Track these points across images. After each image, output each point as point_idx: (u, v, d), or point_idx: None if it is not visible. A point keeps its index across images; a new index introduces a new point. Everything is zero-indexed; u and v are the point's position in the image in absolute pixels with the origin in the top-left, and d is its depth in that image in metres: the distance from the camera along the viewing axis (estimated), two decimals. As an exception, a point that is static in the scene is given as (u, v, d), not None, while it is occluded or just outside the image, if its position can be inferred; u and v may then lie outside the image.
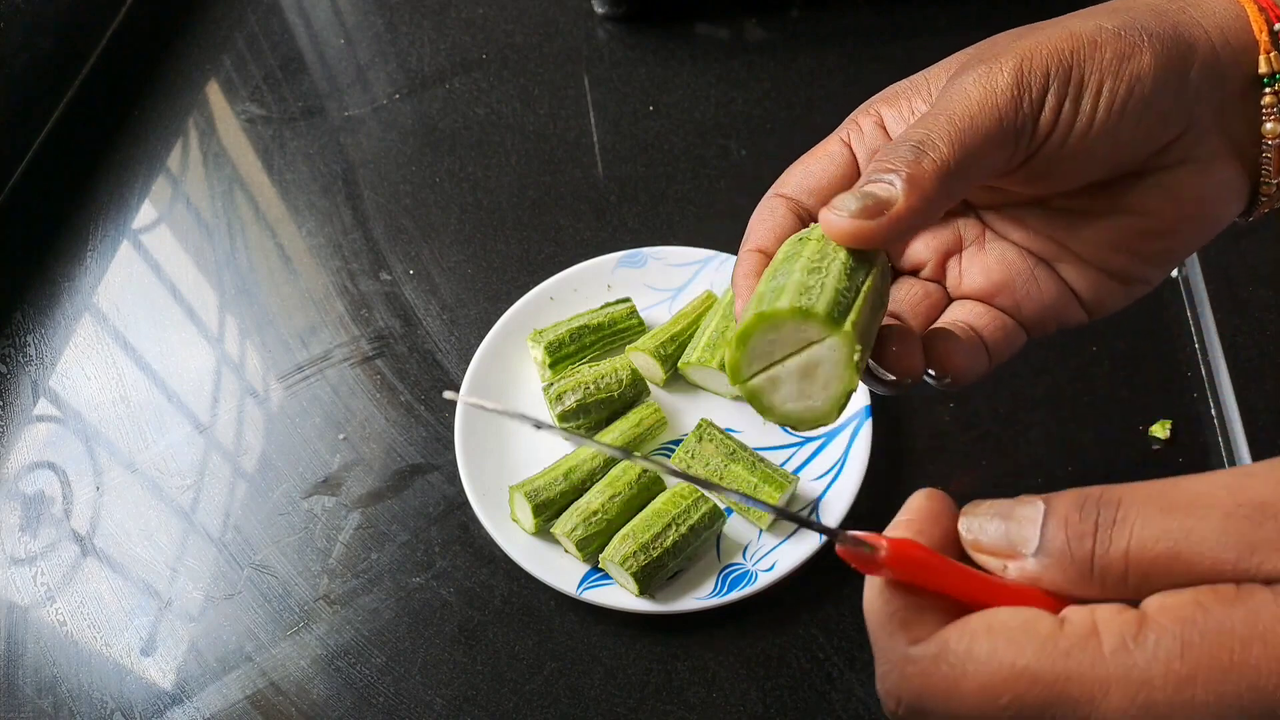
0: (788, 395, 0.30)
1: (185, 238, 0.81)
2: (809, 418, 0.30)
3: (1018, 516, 0.25)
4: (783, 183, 0.36)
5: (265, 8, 0.98)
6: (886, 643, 0.25)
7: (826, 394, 0.30)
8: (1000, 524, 0.26)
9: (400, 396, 0.69)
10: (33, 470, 0.69)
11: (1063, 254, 0.35)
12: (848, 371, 0.29)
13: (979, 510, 0.26)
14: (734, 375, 0.31)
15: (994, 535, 0.26)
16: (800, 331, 0.29)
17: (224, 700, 0.58)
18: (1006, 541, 0.25)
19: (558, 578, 0.57)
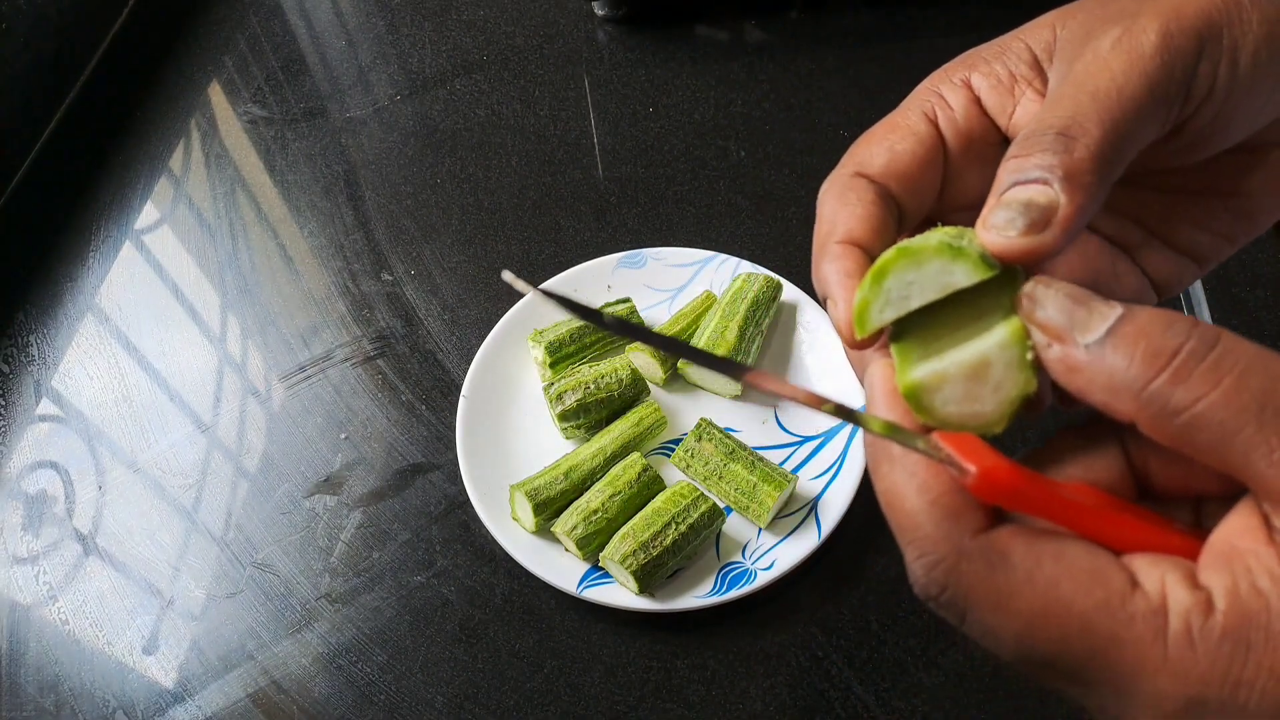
0: (950, 399, 0.26)
1: (187, 238, 0.81)
2: (973, 424, 0.26)
3: (1091, 306, 0.24)
4: (863, 162, 0.30)
5: (267, 9, 0.98)
6: (934, 529, 0.24)
7: (997, 397, 0.25)
8: (1069, 303, 0.24)
9: (402, 396, 0.70)
10: (35, 469, 0.70)
11: (1148, 239, 0.32)
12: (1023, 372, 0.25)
13: (1053, 283, 0.25)
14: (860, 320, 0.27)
15: (1055, 311, 0.24)
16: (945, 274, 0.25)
17: (226, 698, 0.58)
18: (1066, 321, 0.24)
19: (558, 576, 0.57)
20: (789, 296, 0.68)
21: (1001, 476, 0.24)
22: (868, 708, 0.54)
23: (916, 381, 0.26)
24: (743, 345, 0.63)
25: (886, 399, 0.27)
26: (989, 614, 0.23)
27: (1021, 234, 0.25)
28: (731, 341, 0.63)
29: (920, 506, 0.24)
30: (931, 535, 0.24)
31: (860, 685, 0.55)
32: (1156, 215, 0.32)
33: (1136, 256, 0.33)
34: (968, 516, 0.24)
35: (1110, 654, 0.21)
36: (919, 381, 0.26)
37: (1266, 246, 0.68)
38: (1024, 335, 0.25)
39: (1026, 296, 0.25)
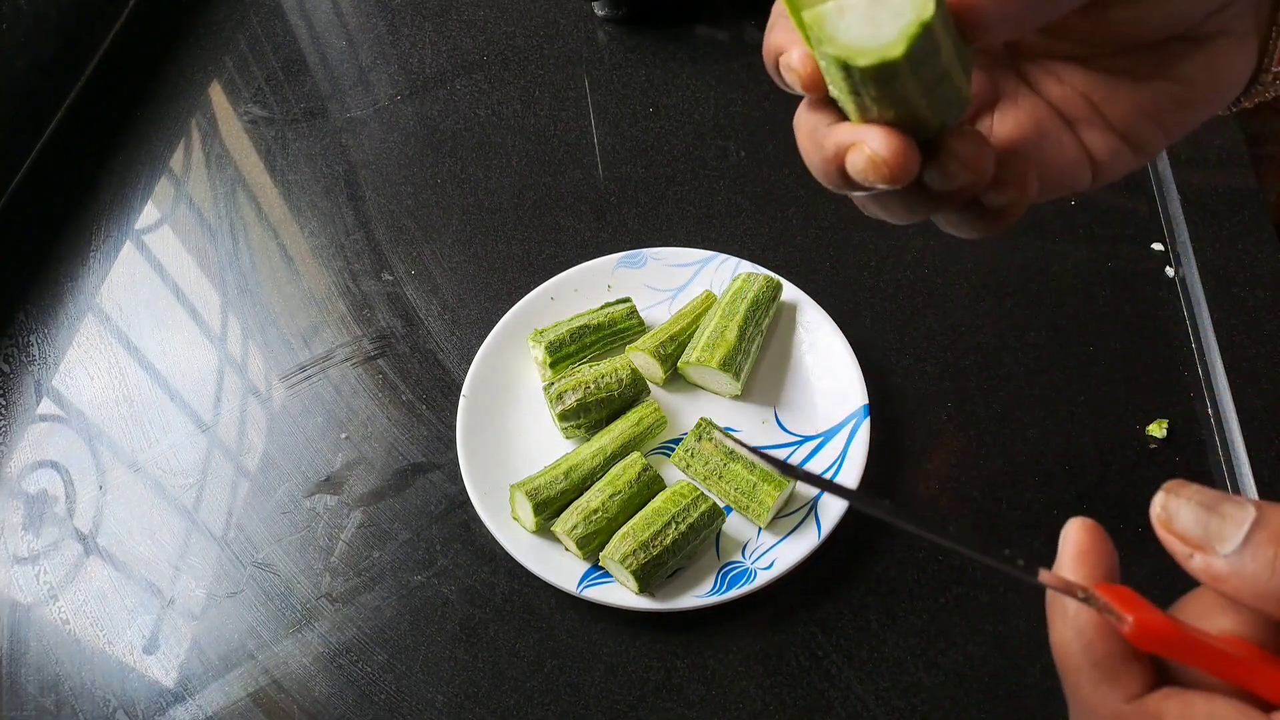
0: (852, 23, 0.27)
1: (188, 238, 0.81)
2: (872, 48, 0.27)
3: (1223, 512, 0.25)
4: None
5: (268, 9, 0.98)
6: (1092, 692, 0.26)
7: (896, 23, 0.26)
8: (1202, 513, 0.25)
9: (402, 396, 0.70)
10: (36, 469, 0.70)
11: (1092, 116, 0.34)
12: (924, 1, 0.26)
13: (1183, 492, 0.26)
14: None
15: (1191, 522, 0.26)
16: None
17: (226, 698, 0.58)
18: (1203, 532, 0.25)
19: (558, 576, 0.57)
20: (789, 296, 0.68)
21: (1156, 625, 0.25)
22: (868, 707, 0.54)
23: (819, 11, 0.27)
24: (743, 345, 0.63)
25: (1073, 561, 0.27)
26: None
27: None
28: (731, 341, 0.63)
29: (1084, 666, 0.25)
30: (1090, 697, 0.25)
31: (860, 685, 0.55)
32: (1101, 94, 0.34)
33: (1079, 130, 0.34)
34: (1125, 681, 0.25)
35: None
36: (822, 11, 0.27)
37: (1266, 246, 0.68)
38: None
39: (1158, 508, 0.26)
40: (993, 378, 0.66)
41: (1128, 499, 0.59)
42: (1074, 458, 0.62)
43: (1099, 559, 0.28)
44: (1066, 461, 0.61)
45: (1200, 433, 0.62)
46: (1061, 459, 0.62)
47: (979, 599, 0.57)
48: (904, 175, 0.29)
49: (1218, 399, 0.62)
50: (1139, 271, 0.69)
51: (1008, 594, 0.57)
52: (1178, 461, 0.61)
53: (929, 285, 0.70)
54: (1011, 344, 0.67)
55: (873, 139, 0.29)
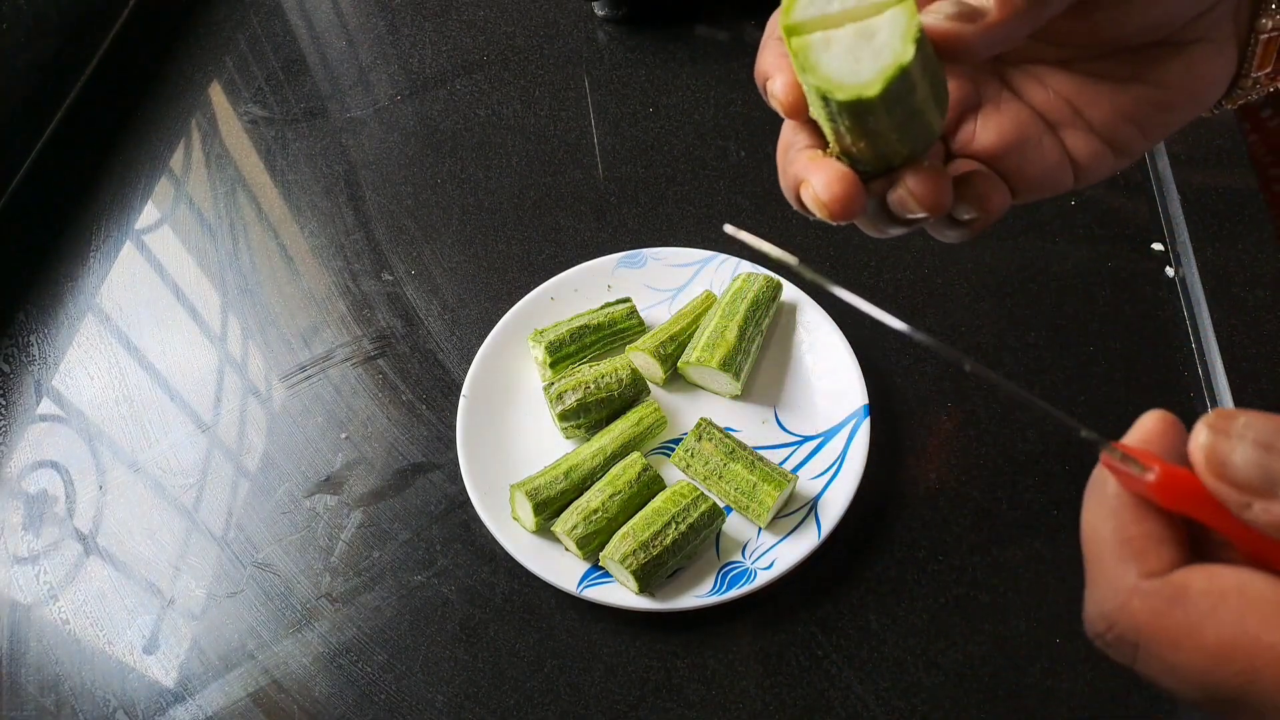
0: (836, 56, 0.28)
1: (188, 238, 0.81)
2: (850, 83, 0.28)
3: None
4: None
5: (268, 9, 0.98)
6: (1114, 567, 0.24)
7: (875, 62, 0.28)
8: (1260, 454, 0.22)
9: (402, 396, 0.70)
10: (36, 469, 0.70)
11: (1074, 119, 0.35)
12: (904, 44, 0.27)
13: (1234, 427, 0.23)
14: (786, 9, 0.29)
15: (1248, 464, 0.22)
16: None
17: (226, 698, 0.58)
18: (1264, 476, 0.22)
19: (558, 576, 0.57)
20: (789, 296, 0.68)
21: (1182, 479, 0.23)
22: (868, 707, 0.54)
23: (807, 40, 0.29)
24: (743, 345, 0.63)
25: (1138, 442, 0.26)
26: (1168, 651, 0.22)
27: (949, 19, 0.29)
28: (731, 341, 0.63)
29: (1110, 542, 0.24)
30: (1110, 571, 0.24)
31: (860, 685, 0.55)
32: (1083, 97, 0.35)
33: (1061, 134, 0.35)
34: (1151, 558, 0.23)
35: None
36: (809, 40, 0.29)
37: (1266, 246, 0.68)
38: (915, 14, 0.28)
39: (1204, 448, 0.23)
40: (993, 378, 0.66)
41: (1128, 499, 0.59)
42: (1074, 458, 0.62)
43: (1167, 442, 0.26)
44: (1066, 461, 0.61)
45: (1200, 433, 0.62)
46: (1061, 459, 0.62)
47: (979, 599, 0.57)
48: (845, 216, 0.31)
49: (1218, 399, 0.62)
50: (1139, 271, 0.69)
51: (1008, 594, 0.57)
52: (1178, 461, 0.61)
53: (929, 285, 0.71)
54: (1011, 344, 0.67)
55: (818, 180, 0.31)
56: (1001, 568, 0.58)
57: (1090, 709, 0.53)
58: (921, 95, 0.29)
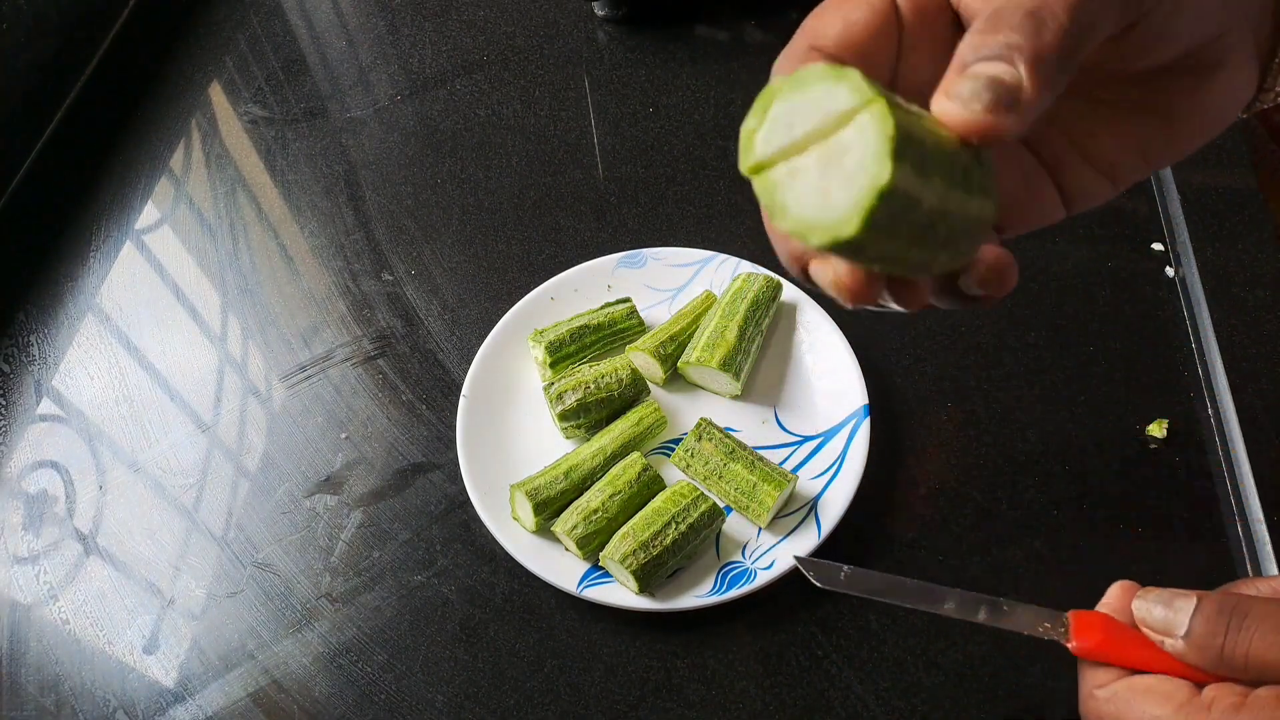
0: (804, 190, 0.23)
1: (188, 238, 0.81)
2: (824, 224, 0.23)
3: (1175, 606, 0.35)
4: (817, 34, 0.29)
5: (268, 9, 0.98)
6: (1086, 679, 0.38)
7: (849, 192, 0.22)
8: (1162, 610, 0.36)
9: (402, 396, 0.70)
10: (36, 469, 0.70)
11: (1072, 155, 0.33)
12: (879, 161, 0.22)
13: (1149, 595, 0.36)
14: (745, 150, 0.25)
15: (1157, 617, 0.36)
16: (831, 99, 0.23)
17: (226, 698, 0.58)
18: (1165, 624, 0.35)
19: (558, 576, 0.57)
20: (789, 296, 0.68)
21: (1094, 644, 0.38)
22: (868, 707, 0.54)
23: (770, 179, 0.24)
24: (743, 345, 0.63)
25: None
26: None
27: (986, 110, 0.24)
28: (731, 341, 0.63)
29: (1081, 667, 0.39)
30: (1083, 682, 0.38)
31: (860, 685, 0.55)
32: (1084, 128, 0.32)
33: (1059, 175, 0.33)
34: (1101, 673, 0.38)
35: None
36: (772, 178, 0.24)
37: (1266, 246, 0.68)
38: (889, 116, 0.22)
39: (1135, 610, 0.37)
40: (993, 378, 0.66)
41: (1128, 499, 0.59)
42: (1074, 458, 0.62)
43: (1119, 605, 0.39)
44: (1066, 461, 0.61)
45: (1200, 433, 0.62)
46: (1061, 459, 0.62)
47: (979, 599, 0.57)
48: (863, 302, 0.28)
49: (1218, 399, 0.62)
50: (1139, 271, 0.69)
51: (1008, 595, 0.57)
52: (1178, 461, 0.61)
53: (929, 285, 0.70)
54: (1011, 344, 0.67)
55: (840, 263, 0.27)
56: (1001, 567, 0.58)
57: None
58: (933, 201, 0.23)
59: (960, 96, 0.24)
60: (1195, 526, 0.58)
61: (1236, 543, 0.57)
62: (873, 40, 0.29)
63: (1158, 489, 0.60)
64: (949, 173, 0.24)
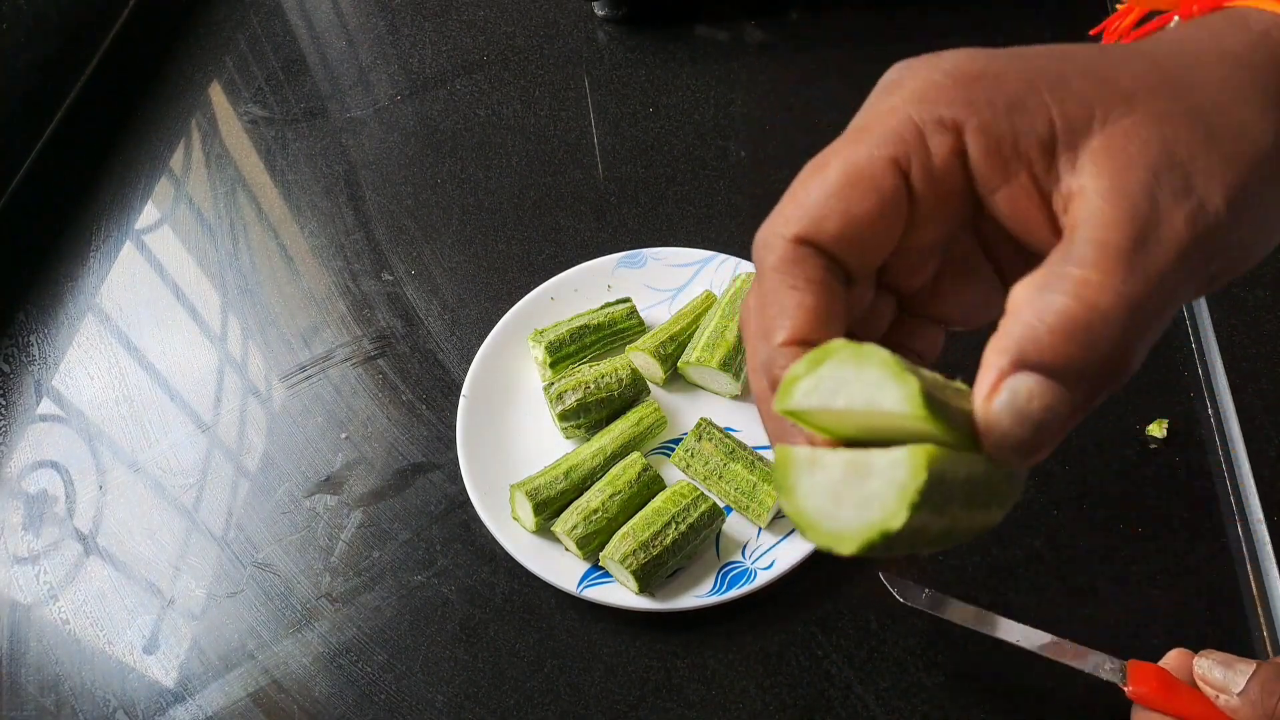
0: (817, 486, 0.23)
1: (188, 238, 0.81)
2: (819, 527, 0.23)
3: (1235, 667, 0.41)
4: (812, 220, 0.25)
5: (268, 9, 0.98)
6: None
7: (857, 515, 0.22)
8: (1222, 669, 0.41)
9: (402, 396, 0.70)
10: (36, 469, 0.70)
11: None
12: (898, 506, 0.21)
13: (1212, 656, 0.42)
14: (785, 393, 0.24)
15: (1216, 674, 0.41)
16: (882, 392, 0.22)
17: (226, 698, 0.58)
18: (1223, 680, 0.41)
19: (558, 576, 0.57)
20: (789, 296, 0.68)
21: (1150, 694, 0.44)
22: (868, 707, 0.54)
23: (790, 453, 0.23)
24: (742, 345, 0.63)
25: None
26: None
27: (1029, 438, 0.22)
28: (731, 341, 0.63)
29: None
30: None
31: (860, 685, 0.55)
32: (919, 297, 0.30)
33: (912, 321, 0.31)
34: None
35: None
36: (793, 454, 0.23)
37: (1266, 246, 0.68)
38: (925, 467, 0.21)
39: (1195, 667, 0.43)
40: (993, 378, 0.66)
41: (1128, 499, 0.59)
42: (1074, 458, 0.62)
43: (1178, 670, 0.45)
44: (1066, 461, 0.61)
45: (1200, 433, 0.62)
46: (1061, 459, 0.62)
47: (979, 599, 0.57)
48: None
49: (1218, 399, 0.62)
50: (1139, 271, 0.69)
51: (1008, 594, 0.57)
52: (1178, 461, 0.61)
53: (929, 285, 0.70)
54: (1011, 344, 0.67)
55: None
56: (1001, 568, 0.58)
57: (1089, 709, 0.53)
58: (941, 526, 0.22)
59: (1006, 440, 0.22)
60: (1195, 526, 0.58)
61: (1236, 543, 0.57)
62: (878, 237, 0.25)
63: (1158, 489, 0.60)
64: (969, 499, 0.23)
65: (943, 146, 0.24)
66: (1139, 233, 0.22)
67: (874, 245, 0.25)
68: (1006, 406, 0.22)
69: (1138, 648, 0.55)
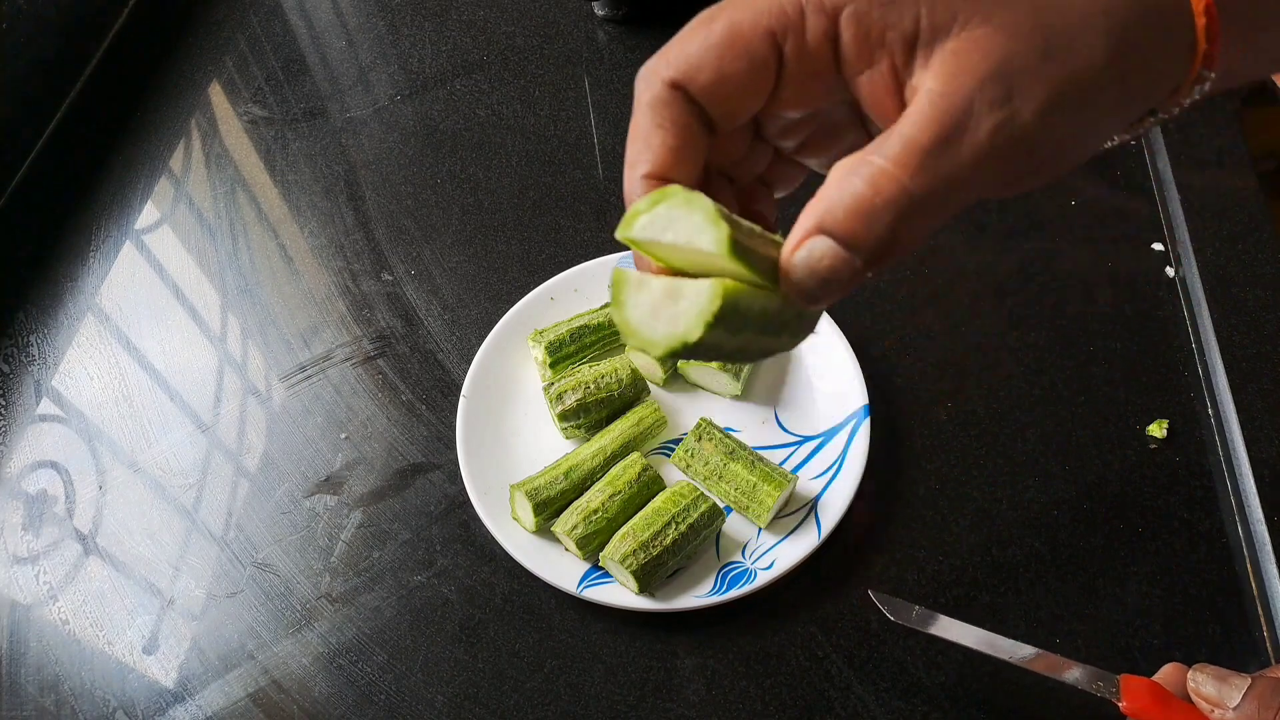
0: (641, 303, 0.28)
1: (187, 238, 0.81)
2: (637, 334, 0.28)
3: (1230, 682, 0.40)
4: (687, 67, 0.28)
5: (267, 9, 0.98)
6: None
7: (666, 328, 0.27)
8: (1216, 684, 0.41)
9: (402, 396, 0.70)
10: (36, 469, 0.70)
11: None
12: (695, 323, 0.26)
13: (1206, 670, 0.42)
14: (627, 223, 0.28)
15: (1210, 689, 0.41)
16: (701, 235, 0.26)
17: (226, 698, 0.58)
18: (1218, 695, 0.40)
19: (558, 576, 0.57)
20: (789, 296, 0.68)
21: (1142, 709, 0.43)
22: (867, 707, 0.54)
23: (626, 277, 0.28)
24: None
25: None
26: None
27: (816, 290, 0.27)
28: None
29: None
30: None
31: (860, 685, 0.55)
32: None
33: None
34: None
35: None
36: (628, 278, 0.28)
37: (1266, 246, 0.68)
38: (720, 296, 0.26)
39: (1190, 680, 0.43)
40: (993, 378, 0.66)
41: (1128, 499, 0.59)
42: (1074, 458, 0.62)
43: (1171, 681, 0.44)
44: (1066, 461, 0.61)
45: (1200, 433, 0.62)
46: (1061, 459, 0.62)
47: (979, 599, 0.57)
48: None
49: (1218, 399, 0.62)
50: (1139, 271, 0.69)
51: (1008, 594, 0.57)
52: (1178, 461, 0.61)
53: (929, 285, 0.70)
54: (1011, 344, 0.67)
55: None
56: (1001, 568, 0.58)
57: (1090, 709, 0.53)
58: (735, 344, 0.28)
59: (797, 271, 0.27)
60: (1195, 526, 0.58)
61: (1236, 543, 0.57)
62: (744, 98, 0.28)
63: (1158, 489, 0.60)
64: (762, 327, 0.28)
65: (817, 27, 0.27)
66: (944, 136, 0.25)
67: (739, 103, 0.29)
68: (803, 260, 0.27)
69: (1138, 647, 0.55)
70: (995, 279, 0.70)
